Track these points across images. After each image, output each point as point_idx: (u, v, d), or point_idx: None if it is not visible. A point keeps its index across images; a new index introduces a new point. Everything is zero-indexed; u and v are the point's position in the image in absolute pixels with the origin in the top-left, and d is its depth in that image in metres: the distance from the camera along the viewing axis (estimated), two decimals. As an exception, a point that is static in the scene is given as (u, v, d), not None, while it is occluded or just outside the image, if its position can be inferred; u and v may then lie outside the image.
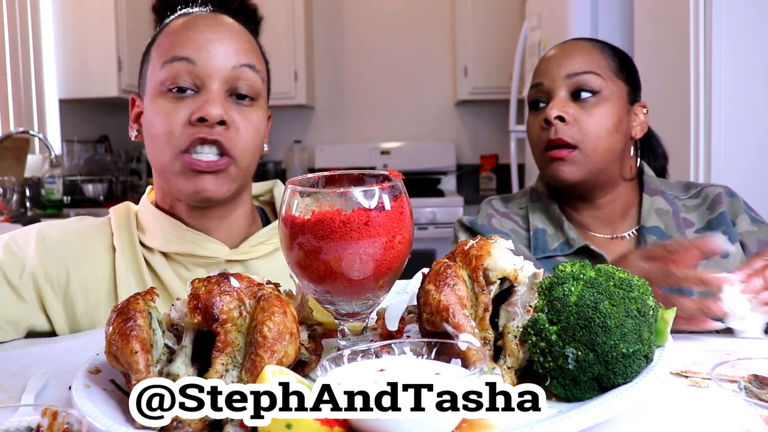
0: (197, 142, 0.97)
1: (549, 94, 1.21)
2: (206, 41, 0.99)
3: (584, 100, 1.18)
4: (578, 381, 0.62)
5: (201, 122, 0.96)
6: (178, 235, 1.05)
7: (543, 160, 1.22)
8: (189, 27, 1.01)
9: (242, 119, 1.00)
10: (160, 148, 0.99)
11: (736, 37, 1.92)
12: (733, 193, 1.24)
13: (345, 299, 0.67)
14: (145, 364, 0.60)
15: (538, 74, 1.24)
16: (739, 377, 0.62)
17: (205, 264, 1.06)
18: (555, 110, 1.17)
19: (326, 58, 4.60)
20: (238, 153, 1.00)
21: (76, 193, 3.77)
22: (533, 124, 1.23)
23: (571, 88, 1.19)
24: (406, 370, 0.60)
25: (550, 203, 1.29)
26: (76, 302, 1.04)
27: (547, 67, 1.22)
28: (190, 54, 0.98)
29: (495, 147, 4.54)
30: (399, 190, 0.66)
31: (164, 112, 0.98)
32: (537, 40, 3.17)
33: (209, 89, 0.98)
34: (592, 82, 1.19)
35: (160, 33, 1.05)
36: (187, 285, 0.66)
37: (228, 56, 0.99)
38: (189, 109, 0.97)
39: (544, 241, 1.25)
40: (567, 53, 1.22)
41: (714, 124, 1.94)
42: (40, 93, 3.49)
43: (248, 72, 1.00)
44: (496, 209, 1.33)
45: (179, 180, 0.99)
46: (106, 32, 3.55)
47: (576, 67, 1.20)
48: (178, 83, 0.98)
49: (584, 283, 0.65)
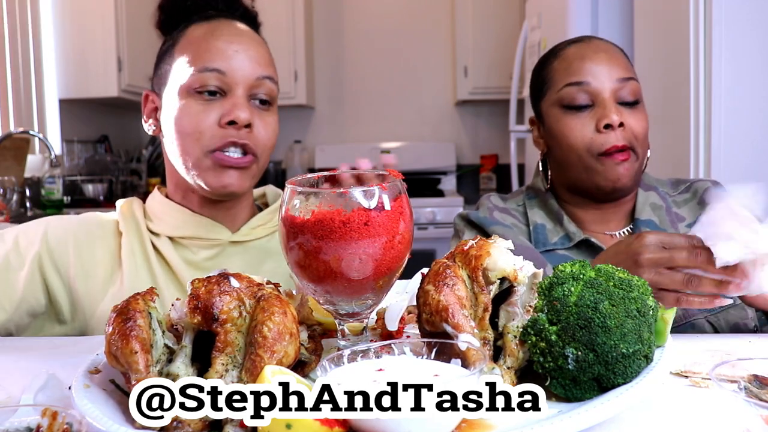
0: (229, 144, 1.07)
1: (595, 96, 1.19)
2: (234, 52, 1.09)
3: (630, 105, 1.19)
4: (578, 381, 0.62)
5: (230, 125, 1.07)
6: (186, 220, 1.15)
7: (593, 163, 1.18)
8: (215, 36, 1.10)
9: (262, 122, 1.11)
10: (189, 145, 1.08)
11: (736, 37, 1.92)
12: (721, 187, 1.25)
13: (345, 299, 0.67)
14: (145, 364, 0.60)
15: (581, 73, 1.19)
16: (739, 377, 0.62)
17: (210, 246, 1.15)
18: (617, 116, 1.16)
19: (326, 58, 4.60)
20: (259, 152, 1.11)
21: (76, 193, 3.77)
22: (576, 125, 1.19)
23: (618, 92, 1.18)
24: (405, 370, 0.60)
25: (548, 199, 1.29)
26: (78, 283, 1.10)
27: (592, 68, 1.19)
28: (220, 65, 1.08)
29: (495, 147, 4.54)
30: (399, 190, 0.66)
31: (194, 113, 1.08)
32: (537, 40, 3.17)
33: (235, 94, 1.08)
34: (636, 89, 1.20)
35: (180, 35, 1.12)
36: (188, 285, 0.66)
37: (253, 67, 1.10)
38: (218, 112, 1.07)
39: (544, 236, 1.25)
40: (612, 57, 1.21)
41: (714, 124, 1.94)
42: (40, 93, 3.49)
43: (268, 83, 1.12)
44: (495, 204, 1.33)
45: (207, 174, 1.09)
46: (106, 32, 3.55)
47: (622, 72, 1.19)
48: (207, 87, 1.08)
49: (584, 283, 0.65)
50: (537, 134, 1.32)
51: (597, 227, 1.26)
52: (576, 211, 1.27)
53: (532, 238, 1.26)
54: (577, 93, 1.19)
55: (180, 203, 1.16)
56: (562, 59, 1.24)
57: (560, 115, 1.21)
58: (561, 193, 1.29)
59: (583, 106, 1.19)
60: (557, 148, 1.23)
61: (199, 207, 1.15)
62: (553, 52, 1.28)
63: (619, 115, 1.16)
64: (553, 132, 1.23)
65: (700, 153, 1.97)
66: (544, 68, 1.27)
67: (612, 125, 1.16)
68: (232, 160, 1.08)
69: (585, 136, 1.18)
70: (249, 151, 1.09)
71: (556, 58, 1.25)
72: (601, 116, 1.17)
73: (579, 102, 1.19)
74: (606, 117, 1.16)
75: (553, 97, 1.23)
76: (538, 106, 1.29)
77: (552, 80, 1.24)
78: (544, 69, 1.27)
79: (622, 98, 1.19)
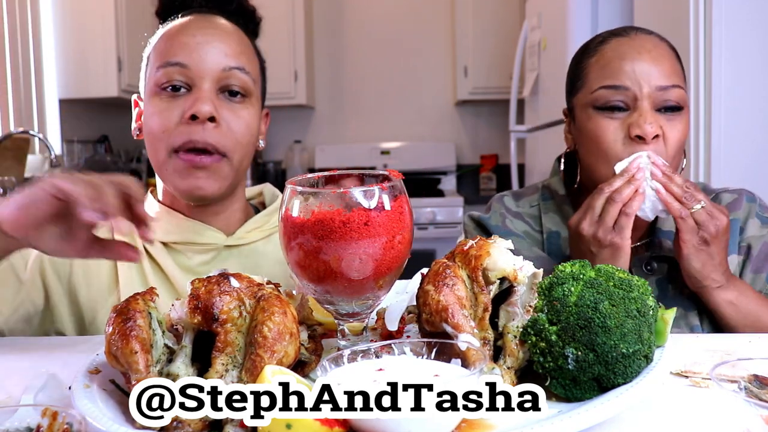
0: (189, 144, 1.01)
1: (632, 100, 1.09)
2: (197, 45, 1.04)
3: (670, 115, 1.10)
4: (578, 381, 0.62)
5: (193, 120, 1.01)
6: (179, 225, 1.10)
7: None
8: (182, 31, 1.06)
9: (233, 115, 1.04)
10: (156, 145, 1.04)
11: (736, 37, 1.91)
12: (752, 198, 1.19)
13: (345, 299, 0.67)
14: (145, 364, 0.60)
15: (619, 75, 1.10)
16: (739, 377, 0.62)
17: (204, 251, 1.11)
18: (651, 128, 1.07)
19: (326, 58, 4.60)
20: (229, 149, 1.04)
21: (76, 193, 3.76)
22: (608, 128, 1.10)
23: (659, 100, 1.09)
24: (405, 370, 0.60)
25: (564, 203, 1.23)
26: (78, 290, 1.08)
27: (632, 70, 1.09)
28: (182, 59, 1.03)
29: (495, 147, 4.54)
30: (399, 190, 0.66)
31: (159, 111, 1.03)
32: (537, 40, 3.17)
33: (200, 88, 1.03)
34: (680, 98, 1.10)
35: (157, 36, 1.10)
36: (188, 285, 0.66)
37: (218, 59, 1.04)
38: (182, 107, 1.02)
39: (558, 245, 1.21)
40: (656, 58, 1.10)
41: (714, 124, 1.94)
42: (40, 93, 3.49)
43: (238, 74, 1.05)
44: (508, 208, 1.27)
45: (175, 178, 1.04)
46: (106, 32, 3.55)
47: (666, 79, 1.09)
48: (172, 83, 1.03)
49: (584, 283, 0.65)
50: (567, 129, 1.23)
51: None
52: None
53: (545, 247, 1.22)
54: (612, 96, 1.10)
55: (171, 207, 1.12)
56: (600, 55, 1.14)
57: (592, 115, 1.13)
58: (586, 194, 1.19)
59: (617, 108, 1.10)
60: (585, 149, 1.16)
61: (188, 211, 1.11)
62: (592, 44, 1.18)
63: (654, 126, 1.07)
64: (584, 132, 1.15)
65: (700, 153, 1.97)
66: (582, 62, 1.18)
67: (645, 137, 1.07)
68: (197, 160, 1.01)
69: (616, 142, 1.10)
70: (214, 150, 1.02)
71: (595, 53, 1.16)
72: (635, 124, 1.08)
73: (613, 104, 1.11)
74: (639, 127, 1.07)
75: (587, 97, 1.14)
76: (571, 100, 1.20)
77: (587, 78, 1.15)
78: (581, 63, 1.18)
79: (662, 104, 1.09)
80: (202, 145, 1.01)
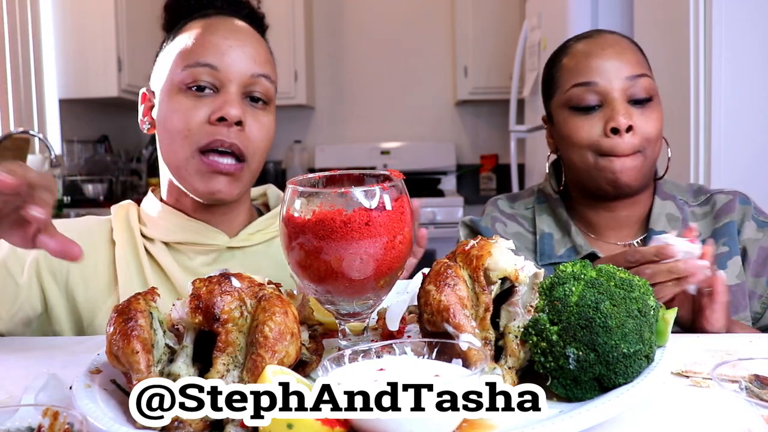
0: (216, 144, 1.01)
1: (604, 96, 1.13)
2: (228, 48, 1.04)
3: (642, 105, 1.13)
4: (579, 381, 0.62)
5: (220, 122, 1.02)
6: (181, 225, 1.10)
7: (597, 164, 1.14)
8: (210, 31, 1.06)
9: (255, 122, 1.06)
10: (177, 143, 1.04)
11: (736, 37, 1.92)
12: (746, 200, 1.20)
13: (346, 299, 0.67)
14: (146, 364, 0.60)
15: (588, 72, 1.14)
16: (740, 377, 0.62)
17: (206, 252, 1.11)
18: (625, 119, 1.10)
19: (326, 58, 4.60)
20: (250, 155, 1.05)
21: (76, 193, 3.76)
22: (583, 126, 1.14)
23: (629, 91, 1.12)
24: (406, 370, 0.60)
25: (558, 206, 1.25)
26: (76, 292, 1.07)
27: (599, 65, 1.13)
28: (212, 60, 1.03)
29: (495, 147, 4.54)
30: (400, 190, 0.66)
31: (183, 109, 1.03)
32: (537, 40, 3.17)
33: (228, 91, 1.03)
34: (650, 87, 1.13)
35: (178, 32, 1.09)
36: (189, 284, 0.66)
37: (247, 64, 1.05)
38: (208, 108, 1.03)
39: (550, 247, 1.22)
40: (619, 52, 1.14)
41: (714, 124, 1.94)
42: (40, 93, 3.49)
43: (263, 81, 1.06)
44: (501, 210, 1.29)
45: (195, 179, 1.04)
46: (106, 32, 3.55)
47: (632, 69, 1.13)
48: (199, 83, 1.03)
49: (585, 283, 0.65)
50: (548, 134, 1.27)
51: (609, 233, 1.22)
52: (588, 214, 1.23)
53: (537, 248, 1.23)
54: (584, 94, 1.14)
55: (174, 207, 1.12)
56: (569, 57, 1.19)
57: (568, 117, 1.17)
58: (574, 195, 1.25)
59: (591, 107, 1.14)
60: (565, 150, 1.20)
61: (192, 211, 1.11)
62: (562, 48, 1.23)
63: (628, 118, 1.11)
64: (562, 133, 1.19)
65: (700, 153, 1.97)
66: (554, 66, 1.22)
67: (620, 129, 1.11)
68: (222, 165, 1.02)
69: (591, 137, 1.14)
70: (238, 153, 1.03)
71: (564, 55, 1.20)
72: (608, 118, 1.12)
73: (587, 103, 1.14)
74: (613, 120, 1.11)
75: (561, 98, 1.18)
76: (549, 105, 1.24)
77: (560, 80, 1.19)
78: (554, 67, 1.22)
79: (633, 96, 1.13)
80: (228, 146, 1.02)
